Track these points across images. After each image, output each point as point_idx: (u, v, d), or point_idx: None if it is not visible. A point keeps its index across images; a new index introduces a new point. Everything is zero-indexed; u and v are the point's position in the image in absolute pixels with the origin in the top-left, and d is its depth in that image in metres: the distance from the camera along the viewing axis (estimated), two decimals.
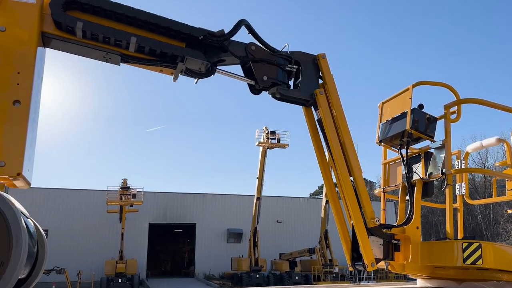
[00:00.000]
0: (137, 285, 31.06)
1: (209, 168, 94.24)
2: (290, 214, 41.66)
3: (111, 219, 34.47)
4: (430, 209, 49.84)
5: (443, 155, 4.97)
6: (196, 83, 4.49)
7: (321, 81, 4.83)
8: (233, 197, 40.94)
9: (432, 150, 5.16)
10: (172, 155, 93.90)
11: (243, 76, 4.64)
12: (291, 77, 4.78)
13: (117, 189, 33.15)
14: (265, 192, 33.74)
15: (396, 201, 5.80)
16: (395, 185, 5.57)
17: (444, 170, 4.85)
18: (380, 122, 5.56)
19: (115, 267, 30.86)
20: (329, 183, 4.96)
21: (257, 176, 32.58)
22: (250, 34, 4.52)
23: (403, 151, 5.27)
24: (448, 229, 4.80)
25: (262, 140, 32.33)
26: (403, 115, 5.12)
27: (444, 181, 4.89)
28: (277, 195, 42.46)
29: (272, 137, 32.67)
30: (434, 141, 5.13)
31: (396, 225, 4.98)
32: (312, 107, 4.87)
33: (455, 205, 5.45)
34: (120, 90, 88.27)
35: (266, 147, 32.28)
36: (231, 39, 4.38)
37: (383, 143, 5.56)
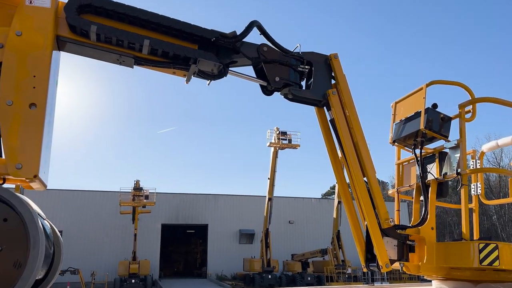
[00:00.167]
0: (150, 286, 31.27)
1: (220, 169, 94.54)
2: (302, 215, 41.55)
3: (124, 220, 34.77)
4: (443, 209, 49.28)
5: (458, 155, 4.92)
6: (209, 84, 4.51)
7: (333, 81, 4.81)
8: (245, 198, 40.98)
9: (447, 150, 5.11)
10: (183, 156, 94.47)
11: (255, 77, 4.65)
12: (303, 77, 4.77)
13: (130, 190, 33.40)
14: (276, 193, 33.74)
15: (409, 201, 5.75)
16: (409, 186, 5.52)
17: (460, 170, 4.80)
18: (393, 122, 5.52)
19: (128, 267, 31.10)
20: (343, 183, 4.93)
21: (269, 177, 32.57)
22: (262, 35, 4.52)
23: (417, 151, 5.22)
24: (464, 230, 4.74)
25: (273, 141, 32.30)
26: (416, 114, 5.08)
27: (460, 181, 4.84)
28: (288, 195, 42.42)
29: (283, 137, 32.62)
30: (448, 140, 5.07)
31: (410, 225, 4.93)
32: (325, 107, 4.85)
33: (471, 205, 5.39)
34: (132, 91, 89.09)
35: (277, 148, 32.25)
36: (243, 40, 4.39)
37: (396, 143, 5.52)
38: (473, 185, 5.91)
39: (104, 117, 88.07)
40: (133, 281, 30.34)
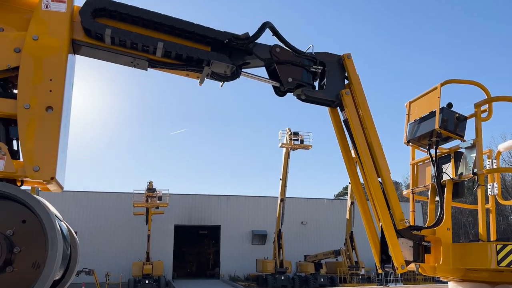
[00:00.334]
0: (163, 286, 31.43)
1: (232, 170, 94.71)
2: (314, 216, 41.39)
3: (137, 221, 35.02)
4: (459, 210, 48.63)
5: (474, 154, 4.85)
6: (222, 86, 4.52)
7: (347, 81, 4.79)
8: (257, 199, 40.97)
9: (463, 150, 5.05)
10: (195, 157, 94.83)
11: (268, 78, 4.65)
12: (316, 78, 4.76)
13: (143, 192, 33.62)
14: (289, 194, 33.66)
15: (424, 201, 5.70)
16: (424, 186, 5.47)
17: (476, 170, 4.73)
18: (407, 122, 5.47)
19: (142, 268, 31.30)
20: (357, 184, 4.90)
21: (281, 178, 32.52)
22: (274, 36, 4.52)
23: (432, 151, 5.17)
24: (480, 231, 4.68)
25: (285, 142, 32.24)
26: (431, 114, 5.03)
27: (476, 181, 4.78)
28: (301, 196, 42.31)
29: (295, 138, 32.52)
30: (464, 140, 5.01)
31: (426, 226, 4.88)
32: (338, 108, 4.84)
33: (487, 205, 5.31)
34: (144, 93, 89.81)
35: (289, 148, 32.17)
36: (255, 41, 4.40)
37: (411, 143, 5.47)
38: (490, 185, 5.83)
39: (117, 119, 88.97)
40: (146, 281, 30.53)
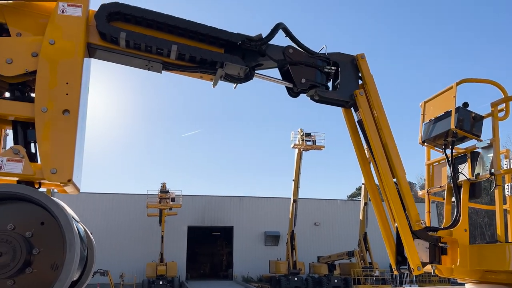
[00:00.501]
0: (177, 287, 31.58)
1: (245, 170, 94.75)
2: (327, 217, 41.20)
3: (151, 222, 35.27)
4: (474, 210, 47.93)
5: (491, 154, 4.79)
6: (235, 88, 4.53)
7: (360, 81, 4.76)
8: (270, 200, 40.94)
9: (479, 150, 4.98)
10: (208, 158, 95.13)
11: (281, 79, 4.65)
12: (329, 78, 4.74)
13: (157, 193, 33.84)
14: (301, 195, 33.53)
15: (438, 202, 5.63)
16: (440, 187, 5.41)
17: (493, 171, 4.67)
18: (422, 122, 5.43)
19: (156, 269, 31.50)
20: (371, 185, 4.87)
21: (293, 179, 32.43)
22: (287, 37, 4.52)
23: (447, 151, 5.12)
24: (498, 232, 4.62)
25: (297, 142, 32.15)
26: (447, 114, 4.98)
27: (493, 181, 4.71)
28: (314, 197, 42.14)
29: (308, 139, 32.38)
30: (480, 140, 4.95)
31: (442, 227, 4.83)
32: (352, 108, 4.81)
33: (505, 206, 5.23)
34: (157, 96, 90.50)
35: (301, 149, 32.07)
36: (268, 43, 4.40)
37: (426, 143, 5.43)
38: (507, 185, 5.73)
39: (129, 121, 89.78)
40: (160, 282, 30.70)
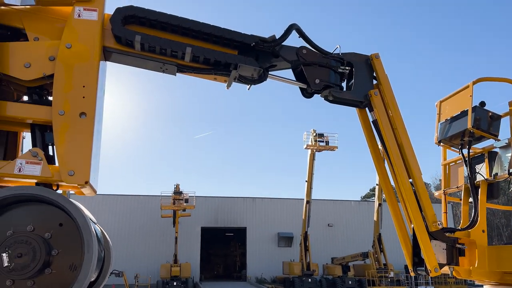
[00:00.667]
0: None
1: (258, 171, 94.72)
2: (341, 218, 40.98)
3: (165, 223, 35.49)
4: (491, 211, 47.18)
5: (509, 154, 4.71)
6: (249, 89, 4.54)
7: (375, 81, 4.73)
8: (283, 201, 40.88)
9: (497, 150, 4.91)
10: (220, 159, 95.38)
11: (295, 80, 4.64)
12: (343, 78, 4.72)
13: (170, 194, 34.04)
14: (315, 196, 33.41)
15: (454, 203, 5.58)
16: (457, 187, 5.34)
17: (511, 170, 4.59)
18: (438, 122, 5.37)
19: (170, 270, 31.66)
20: (387, 186, 4.83)
21: (306, 180, 32.31)
22: (301, 38, 4.51)
23: (464, 151, 5.05)
24: None
25: (310, 143, 32.03)
26: (463, 113, 4.92)
27: (511, 182, 4.64)
28: (327, 198, 41.97)
29: (320, 139, 32.23)
30: (498, 139, 4.87)
31: (459, 228, 4.76)
32: (367, 108, 4.78)
33: None
34: (170, 98, 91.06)
35: (314, 150, 31.94)
36: (282, 44, 4.40)
37: (442, 143, 5.36)
38: None
39: (142, 122, 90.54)
40: (174, 283, 30.85)
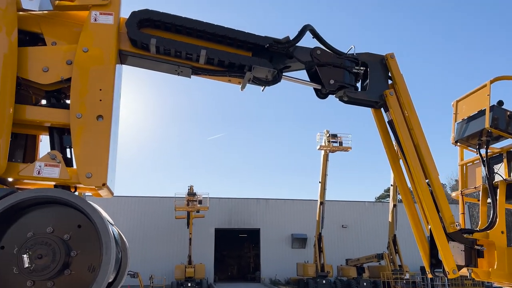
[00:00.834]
0: None
1: (271, 172, 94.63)
2: (355, 219, 40.69)
3: (179, 225, 35.69)
4: (509, 211, 46.30)
5: None
6: (263, 90, 4.54)
7: (390, 81, 4.70)
8: (296, 202, 40.77)
9: None
10: (234, 161, 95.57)
11: (309, 81, 4.63)
12: (358, 79, 4.69)
13: (184, 196, 34.21)
14: (329, 197, 33.25)
15: (470, 203, 5.49)
16: (475, 188, 5.26)
17: None
18: (455, 121, 5.30)
19: (184, 271, 31.84)
20: (403, 186, 4.78)
21: (320, 181, 32.18)
22: (314, 39, 4.50)
23: (482, 151, 4.98)
24: None
25: (323, 144, 31.89)
26: (480, 113, 4.85)
27: None
28: (341, 199, 41.73)
29: (334, 140, 32.07)
30: None
31: (478, 229, 4.69)
32: (382, 108, 4.74)
33: None
34: (183, 100, 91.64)
35: (327, 151, 31.79)
36: (296, 45, 4.39)
37: (459, 143, 5.30)
38: None
39: (156, 124, 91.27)
40: (189, 284, 31.02)
